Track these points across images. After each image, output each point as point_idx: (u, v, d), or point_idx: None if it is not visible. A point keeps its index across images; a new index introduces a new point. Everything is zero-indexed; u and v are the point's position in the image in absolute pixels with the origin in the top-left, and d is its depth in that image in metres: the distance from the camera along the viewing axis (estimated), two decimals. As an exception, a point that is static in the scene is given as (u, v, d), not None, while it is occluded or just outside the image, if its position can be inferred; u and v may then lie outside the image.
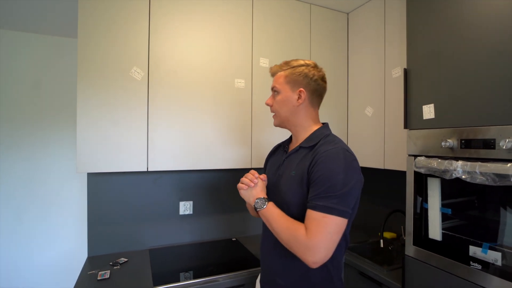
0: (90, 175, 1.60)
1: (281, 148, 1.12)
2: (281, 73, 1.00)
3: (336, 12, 1.94)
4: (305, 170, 0.89)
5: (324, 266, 0.91)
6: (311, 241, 0.79)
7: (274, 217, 0.90)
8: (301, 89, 0.97)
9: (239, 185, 0.99)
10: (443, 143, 1.08)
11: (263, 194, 0.96)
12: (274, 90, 1.02)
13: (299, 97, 0.97)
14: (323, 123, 1.04)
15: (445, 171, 1.05)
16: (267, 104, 1.04)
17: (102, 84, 1.34)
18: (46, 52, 2.35)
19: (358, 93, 1.90)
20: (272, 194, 0.99)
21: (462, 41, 1.06)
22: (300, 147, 0.99)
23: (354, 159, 0.88)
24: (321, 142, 0.94)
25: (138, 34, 1.41)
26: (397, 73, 1.60)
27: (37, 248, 2.36)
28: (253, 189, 0.97)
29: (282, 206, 0.92)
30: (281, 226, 0.87)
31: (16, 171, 2.31)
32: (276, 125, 1.05)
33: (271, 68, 1.04)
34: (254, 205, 0.94)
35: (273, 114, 1.04)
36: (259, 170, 1.36)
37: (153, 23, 1.44)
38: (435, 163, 1.09)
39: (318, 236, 0.78)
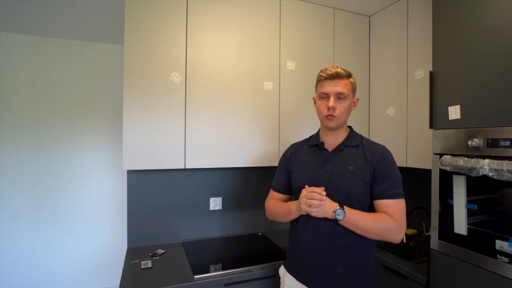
0: (130, 172, 1.73)
1: (309, 147, 1.20)
2: (348, 81, 1.09)
3: (359, 16, 2.00)
4: (365, 165, 1.06)
5: (374, 248, 1.11)
6: (399, 223, 1.01)
7: (359, 218, 1.00)
8: (357, 97, 1.17)
9: (311, 209, 0.99)
10: (469, 142, 1.14)
11: (335, 204, 1.00)
12: (343, 96, 1.08)
13: (354, 105, 1.14)
14: (347, 126, 1.20)
15: (472, 169, 1.11)
16: (333, 107, 1.07)
17: (145, 88, 1.46)
18: (43, 53, 2.45)
19: (380, 94, 1.96)
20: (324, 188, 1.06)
21: (489, 43, 1.11)
22: (345, 145, 1.12)
23: None
24: (364, 141, 1.14)
25: (177, 42, 1.52)
26: (420, 74, 1.65)
27: (73, 242, 2.52)
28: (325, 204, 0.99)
29: (341, 197, 1.03)
30: (370, 224, 1.00)
31: (48, 169, 2.47)
32: (332, 127, 1.11)
33: (337, 68, 1.08)
34: (335, 217, 0.98)
35: (334, 116, 1.08)
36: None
37: (190, 31, 1.55)
38: (461, 161, 1.15)
39: (402, 217, 1.03)
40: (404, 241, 1.67)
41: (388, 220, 1.01)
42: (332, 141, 1.15)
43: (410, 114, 1.72)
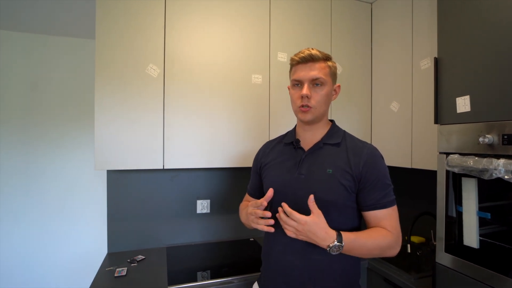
0: (110, 172, 1.63)
1: (284, 146, 1.03)
2: (324, 64, 0.91)
3: (359, 3, 1.83)
4: (347, 168, 0.89)
5: (358, 264, 0.96)
6: (397, 235, 0.88)
7: (358, 246, 0.82)
8: (339, 84, 0.98)
9: (291, 233, 0.81)
10: (480, 139, 0.96)
11: (331, 234, 0.79)
12: (319, 82, 0.90)
13: (335, 93, 0.98)
14: (330, 120, 1.04)
15: (484, 171, 0.93)
16: (307, 95, 0.89)
17: (119, 82, 1.35)
18: (43, 52, 2.39)
19: (382, 88, 1.79)
20: (294, 194, 0.90)
21: (503, 22, 0.93)
22: (324, 143, 0.95)
23: None
24: (348, 139, 0.96)
25: (154, 31, 1.40)
26: (426, 64, 1.48)
27: (59, 245, 2.45)
28: (315, 230, 0.78)
29: (317, 206, 0.83)
30: (371, 247, 0.84)
31: (35, 169, 2.40)
32: (309, 120, 0.92)
33: (311, 50, 0.90)
34: (330, 251, 0.79)
35: (310, 107, 0.91)
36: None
37: (168, 18, 1.43)
38: (471, 162, 0.98)
39: (398, 227, 0.90)
40: (409, 250, 1.49)
41: (386, 237, 0.86)
42: (309, 138, 0.98)
43: (416, 109, 1.54)
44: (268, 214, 0.83)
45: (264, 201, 0.86)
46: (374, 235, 0.85)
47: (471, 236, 1.03)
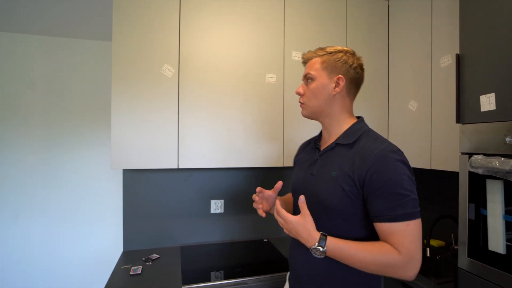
0: (126, 172, 1.66)
1: (311, 145, 1.03)
2: (317, 59, 0.91)
3: (375, 0, 1.79)
4: (350, 172, 0.80)
5: (375, 276, 0.86)
6: (408, 256, 0.73)
7: (345, 256, 0.76)
8: (340, 76, 0.88)
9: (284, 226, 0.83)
10: (507, 139, 0.92)
11: (314, 236, 0.77)
12: (308, 77, 0.91)
13: (337, 85, 0.88)
14: (358, 117, 0.96)
15: (511, 172, 0.89)
16: (298, 93, 0.94)
17: (134, 82, 1.37)
18: (44, 52, 2.43)
19: (400, 86, 1.74)
20: (305, 193, 0.88)
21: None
22: (336, 144, 0.90)
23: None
24: (364, 139, 0.85)
25: (169, 31, 1.42)
26: (446, 61, 1.42)
27: (76, 242, 2.50)
28: (299, 230, 0.78)
29: (319, 209, 0.82)
30: (364, 260, 0.75)
31: (52, 169, 2.47)
32: (305, 116, 0.95)
33: (304, 54, 0.95)
34: (312, 253, 0.77)
35: (302, 103, 0.94)
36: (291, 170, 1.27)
37: (183, 19, 1.44)
38: (497, 163, 0.93)
39: (412, 247, 0.73)
40: (428, 254, 1.44)
41: (389, 254, 0.74)
42: (326, 137, 0.96)
43: (435, 109, 1.49)
44: (259, 205, 0.98)
45: (260, 188, 0.98)
46: (371, 249, 0.76)
47: (497, 241, 0.98)
